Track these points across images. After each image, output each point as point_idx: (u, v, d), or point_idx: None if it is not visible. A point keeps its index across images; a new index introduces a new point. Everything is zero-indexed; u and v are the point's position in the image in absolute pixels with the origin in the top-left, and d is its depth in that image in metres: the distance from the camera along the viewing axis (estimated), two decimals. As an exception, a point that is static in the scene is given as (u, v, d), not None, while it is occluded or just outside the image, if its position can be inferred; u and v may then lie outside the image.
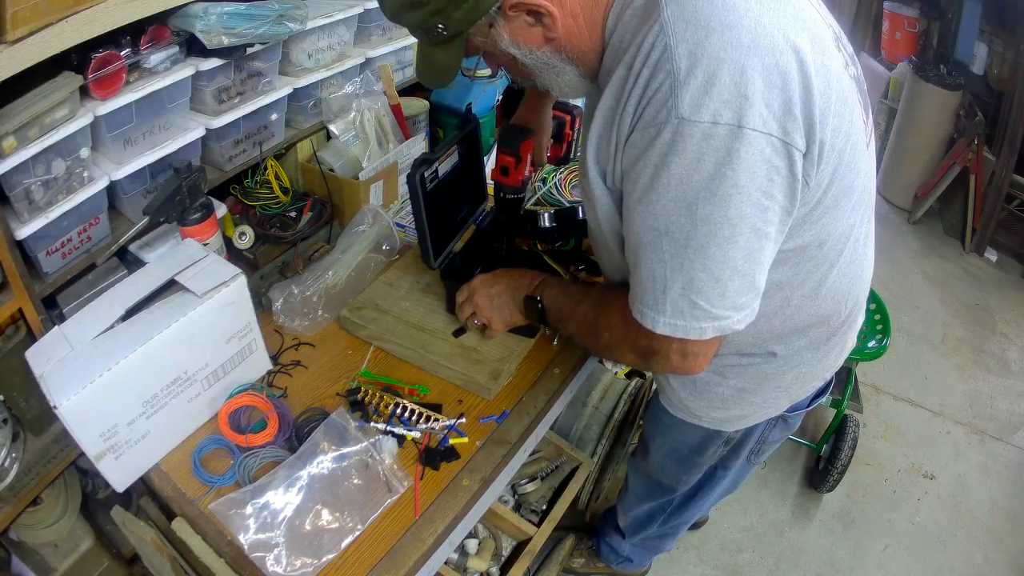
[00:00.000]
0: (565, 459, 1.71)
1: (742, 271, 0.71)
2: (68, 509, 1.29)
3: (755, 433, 1.11)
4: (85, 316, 0.94)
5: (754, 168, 0.66)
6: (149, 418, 0.95)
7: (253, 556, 0.87)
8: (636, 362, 0.88)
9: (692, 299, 0.72)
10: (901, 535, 2.04)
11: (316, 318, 1.24)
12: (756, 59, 0.64)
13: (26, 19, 0.84)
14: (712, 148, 0.65)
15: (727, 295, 0.72)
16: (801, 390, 1.04)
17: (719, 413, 1.04)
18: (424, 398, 1.12)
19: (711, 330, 0.74)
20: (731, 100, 0.64)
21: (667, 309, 0.74)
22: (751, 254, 0.71)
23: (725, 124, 0.64)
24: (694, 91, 0.64)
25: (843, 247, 0.86)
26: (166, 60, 1.11)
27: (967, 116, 3.36)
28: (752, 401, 1.02)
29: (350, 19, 1.44)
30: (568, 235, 1.30)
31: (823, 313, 0.91)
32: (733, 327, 0.74)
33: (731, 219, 0.67)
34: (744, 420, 1.06)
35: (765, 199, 0.68)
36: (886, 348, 2.01)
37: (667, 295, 0.73)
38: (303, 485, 0.95)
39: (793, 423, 1.14)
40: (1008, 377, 2.67)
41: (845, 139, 0.75)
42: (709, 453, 1.15)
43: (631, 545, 1.59)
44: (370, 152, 1.51)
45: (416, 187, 1.13)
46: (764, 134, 0.65)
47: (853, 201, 0.82)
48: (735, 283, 0.71)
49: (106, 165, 1.10)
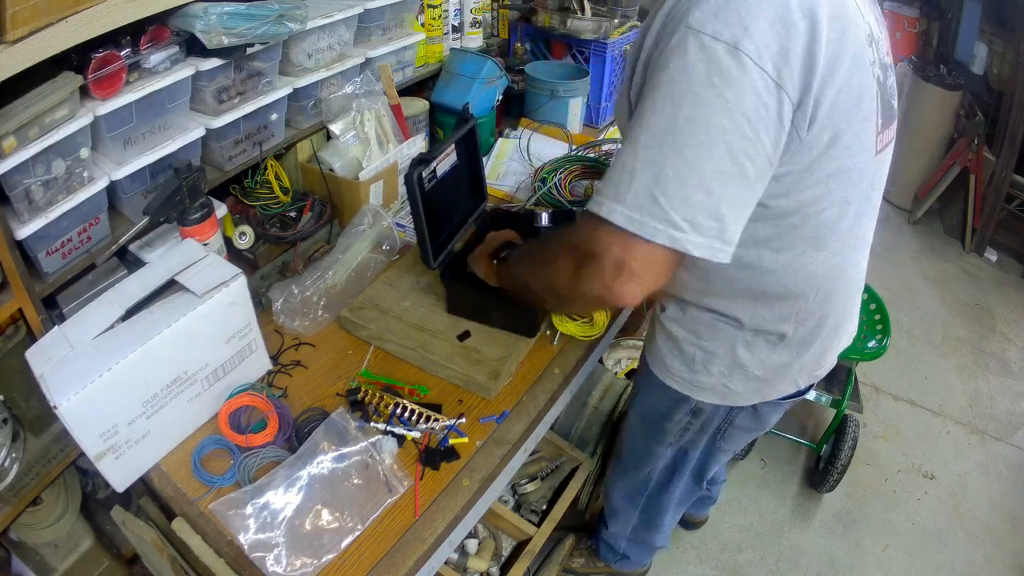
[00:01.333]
0: (565, 459, 1.71)
1: (708, 188, 0.71)
2: (68, 509, 1.29)
3: (719, 412, 1.10)
4: (85, 316, 0.94)
5: (743, 92, 0.69)
6: (149, 418, 0.95)
7: (253, 556, 0.87)
8: (569, 277, 0.82)
9: (654, 194, 0.71)
10: (901, 535, 2.04)
11: (316, 318, 1.24)
12: (768, 5, 0.69)
13: (26, 19, 0.84)
14: (707, 58, 0.69)
15: (688, 203, 0.71)
16: (770, 387, 1.04)
17: (691, 375, 1.05)
18: (424, 398, 1.12)
19: (663, 236, 0.71)
20: (733, 25, 0.68)
21: (628, 199, 0.72)
22: (723, 176, 0.71)
23: (723, 42, 0.68)
24: (705, 9, 0.70)
25: (828, 235, 0.87)
26: (166, 60, 1.11)
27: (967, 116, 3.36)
28: (720, 371, 1.02)
29: (350, 19, 1.44)
30: None
31: (793, 290, 0.92)
32: (685, 245, 0.72)
33: (710, 126, 0.69)
34: (711, 394, 1.06)
35: (749, 129, 0.70)
36: (886, 348, 2.01)
37: (632, 186, 0.72)
38: (303, 485, 0.95)
39: (765, 416, 1.13)
40: (1008, 377, 2.67)
41: (848, 123, 0.77)
42: (675, 420, 1.14)
43: (626, 540, 1.59)
44: (370, 152, 1.51)
45: (414, 187, 1.13)
46: (758, 66, 0.68)
47: (850, 191, 0.84)
48: (699, 196, 0.71)
49: (106, 165, 1.10)
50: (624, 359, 2.14)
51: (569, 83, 1.90)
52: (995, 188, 3.20)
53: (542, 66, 2.00)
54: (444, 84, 1.80)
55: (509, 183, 1.72)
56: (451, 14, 1.85)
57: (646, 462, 1.30)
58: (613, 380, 1.81)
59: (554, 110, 1.90)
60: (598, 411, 1.75)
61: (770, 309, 0.94)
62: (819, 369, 1.06)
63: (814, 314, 0.96)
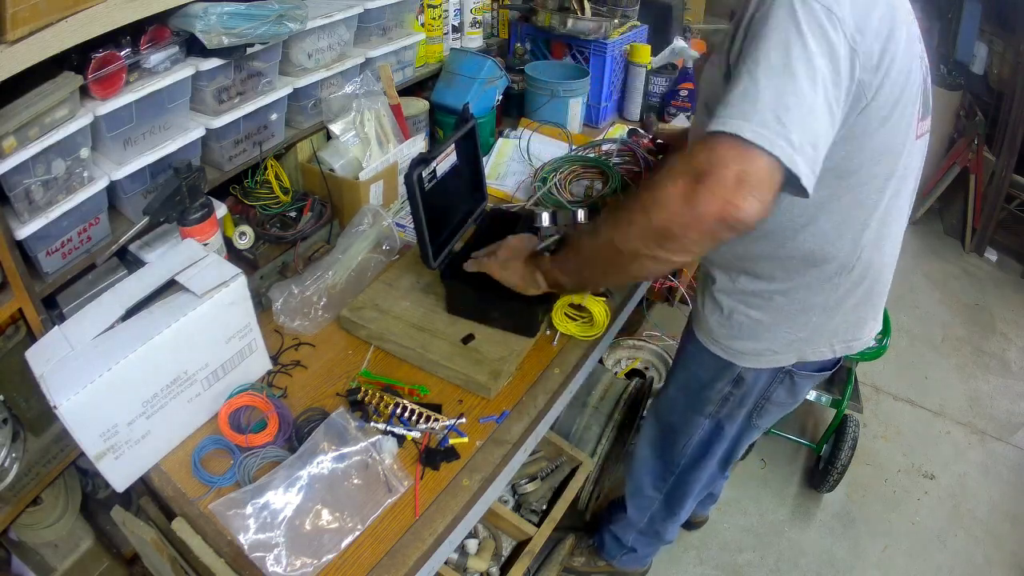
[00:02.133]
0: (565, 459, 1.71)
1: (816, 118, 0.77)
2: (68, 509, 1.29)
3: (760, 382, 1.17)
4: (85, 316, 0.94)
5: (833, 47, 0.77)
6: (149, 418, 0.95)
7: (253, 556, 0.87)
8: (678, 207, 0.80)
9: (779, 114, 0.75)
10: (901, 535, 2.04)
11: (316, 318, 1.24)
12: None
13: (26, 19, 0.84)
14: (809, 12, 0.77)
15: (806, 126, 0.76)
16: (809, 347, 1.10)
17: (735, 343, 1.12)
18: (424, 398, 1.12)
19: (783, 151, 0.74)
20: None
21: (754, 117, 0.75)
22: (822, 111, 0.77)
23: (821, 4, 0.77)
24: None
25: (874, 205, 0.95)
26: (166, 60, 1.11)
27: (967, 116, 3.37)
28: (764, 337, 1.10)
29: (350, 19, 1.44)
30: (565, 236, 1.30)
31: (838, 254, 0.99)
32: (798, 165, 0.75)
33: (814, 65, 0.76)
34: (756, 359, 1.12)
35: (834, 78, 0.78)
36: (886, 348, 2.01)
37: (757, 106, 0.76)
38: (303, 485, 0.95)
39: (800, 386, 1.19)
40: (1008, 377, 2.67)
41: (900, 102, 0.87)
42: (717, 388, 1.20)
43: (636, 532, 1.59)
44: (370, 152, 1.51)
45: (413, 187, 1.13)
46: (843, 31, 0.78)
47: (893, 166, 0.93)
48: (810, 123, 0.76)
49: (106, 165, 1.10)
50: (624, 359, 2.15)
51: (569, 83, 1.90)
52: (995, 188, 3.20)
53: (542, 66, 2.00)
54: (444, 84, 1.79)
55: (509, 183, 1.72)
56: (451, 14, 1.85)
57: (684, 433, 1.34)
58: (613, 380, 1.81)
59: (554, 110, 1.90)
60: (598, 411, 1.75)
61: (816, 269, 1.01)
62: (855, 340, 1.12)
63: (855, 280, 1.03)
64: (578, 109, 1.95)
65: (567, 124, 1.92)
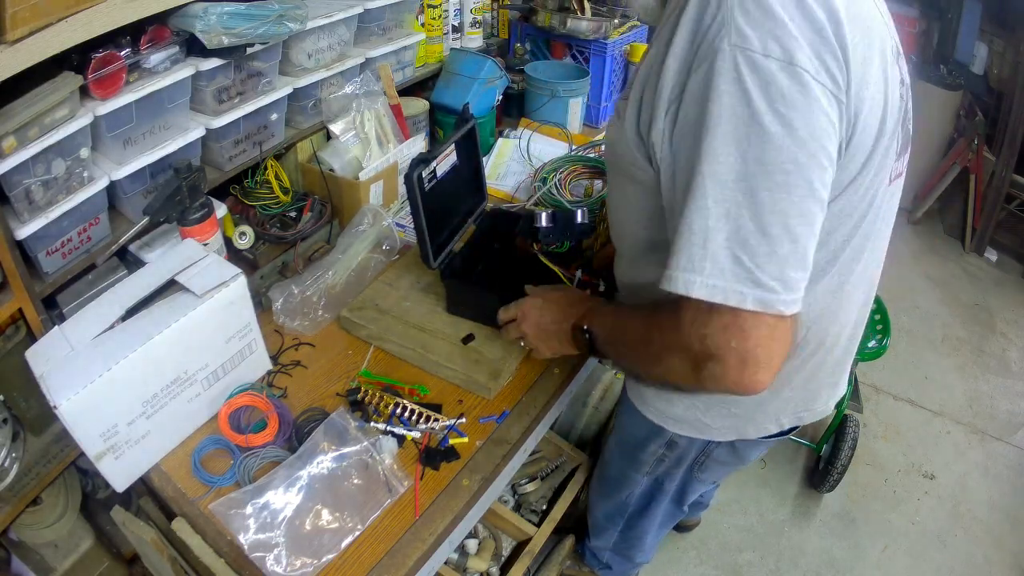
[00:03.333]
0: (565, 459, 1.71)
1: (795, 233, 0.62)
2: (68, 509, 1.29)
3: (695, 446, 1.05)
4: (85, 316, 0.94)
5: (811, 116, 0.61)
6: (149, 418, 0.95)
7: (253, 556, 0.87)
8: (689, 378, 0.73)
9: (736, 254, 0.62)
10: (901, 535, 2.04)
11: (316, 318, 1.24)
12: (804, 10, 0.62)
13: (26, 19, 0.84)
14: (762, 81, 0.60)
15: (775, 258, 0.62)
16: (750, 425, 0.97)
17: (664, 405, 1.00)
18: (424, 398, 1.12)
19: (751, 299, 0.62)
20: (782, 37, 0.60)
21: (705, 267, 0.63)
22: (806, 216, 0.62)
23: (775, 59, 0.60)
24: (743, 21, 0.61)
25: (828, 268, 0.80)
26: (166, 60, 1.11)
27: (967, 116, 3.36)
28: (696, 406, 0.96)
29: (350, 19, 1.44)
30: (564, 237, 1.30)
31: None
32: (778, 306, 0.63)
33: (784, 165, 0.61)
34: (686, 426, 1.00)
35: (824, 156, 0.62)
36: (886, 348, 2.01)
37: (707, 248, 0.63)
38: (303, 485, 0.95)
39: (744, 453, 1.07)
40: (1008, 377, 2.67)
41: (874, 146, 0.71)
42: (650, 451, 1.10)
43: (610, 552, 1.56)
44: (370, 152, 1.51)
45: (414, 187, 1.13)
46: (818, 83, 0.61)
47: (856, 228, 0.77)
48: (785, 246, 0.62)
49: (106, 165, 1.10)
50: (624, 359, 2.14)
51: (569, 83, 1.90)
52: (995, 188, 3.20)
53: (542, 66, 2.00)
54: (444, 84, 1.79)
55: (509, 183, 1.72)
56: (451, 14, 1.85)
57: (624, 486, 1.27)
58: (613, 380, 1.81)
59: (554, 110, 1.90)
60: (598, 411, 1.75)
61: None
62: (806, 411, 0.98)
63: (804, 357, 0.89)
64: (578, 109, 1.95)
65: (567, 124, 1.92)
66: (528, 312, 1.04)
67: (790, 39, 0.60)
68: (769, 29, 0.60)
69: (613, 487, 1.32)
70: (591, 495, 1.50)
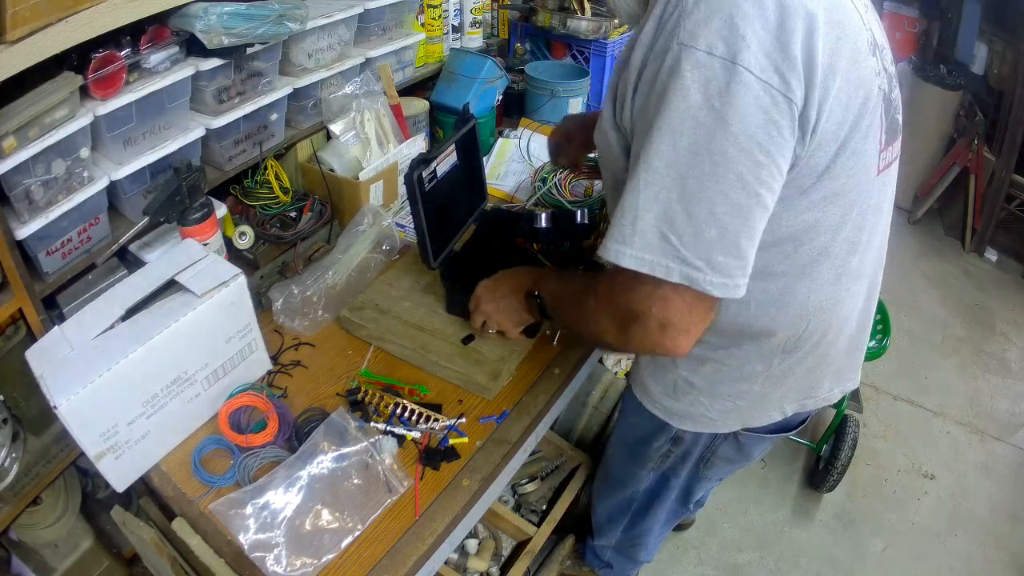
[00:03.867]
0: (565, 459, 1.71)
1: (722, 222, 0.66)
2: (68, 509, 1.29)
3: (701, 441, 1.08)
4: (85, 316, 0.94)
5: (747, 111, 0.64)
6: (149, 418, 0.95)
7: (253, 556, 0.87)
8: (617, 337, 0.79)
9: (663, 231, 0.67)
10: (901, 535, 2.04)
11: (316, 318, 1.24)
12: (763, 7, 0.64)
13: (26, 19, 0.84)
14: (703, 77, 0.63)
15: (701, 241, 0.67)
16: (753, 413, 0.99)
17: (669, 402, 1.03)
18: (424, 398, 1.12)
19: (677, 273, 0.68)
20: (728, 36, 0.63)
21: (635, 241, 0.68)
22: (735, 208, 0.66)
23: (719, 57, 0.63)
24: (695, 20, 0.64)
25: (821, 258, 0.81)
26: (166, 60, 1.11)
27: (967, 116, 3.37)
28: (700, 401, 0.99)
29: (350, 19, 1.44)
30: (564, 237, 1.30)
31: (780, 322, 0.86)
32: (705, 285, 0.68)
33: (714, 155, 0.65)
34: (691, 421, 1.03)
35: (759, 152, 0.65)
36: (886, 348, 2.01)
37: (636, 225, 0.68)
38: (303, 485, 0.95)
39: (748, 448, 1.09)
40: (1008, 377, 2.67)
41: (848, 139, 0.72)
42: (655, 447, 1.12)
43: (612, 551, 1.56)
44: (370, 152, 1.51)
45: (414, 187, 1.13)
46: (761, 81, 0.63)
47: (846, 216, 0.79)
48: (712, 231, 0.66)
49: (106, 165, 1.10)
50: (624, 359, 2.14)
51: (569, 83, 1.90)
52: (995, 188, 3.20)
53: (542, 66, 2.00)
54: (444, 84, 1.80)
55: (509, 183, 1.72)
56: (451, 14, 1.85)
57: (628, 484, 1.28)
58: (613, 380, 1.81)
59: (554, 110, 1.90)
60: (598, 411, 1.75)
61: (755, 342, 0.90)
62: (809, 399, 1.00)
63: (805, 350, 0.91)
64: (578, 109, 1.95)
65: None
66: (482, 295, 1.10)
67: (737, 39, 0.63)
68: (716, 29, 0.64)
69: (617, 485, 1.33)
70: (594, 494, 1.51)
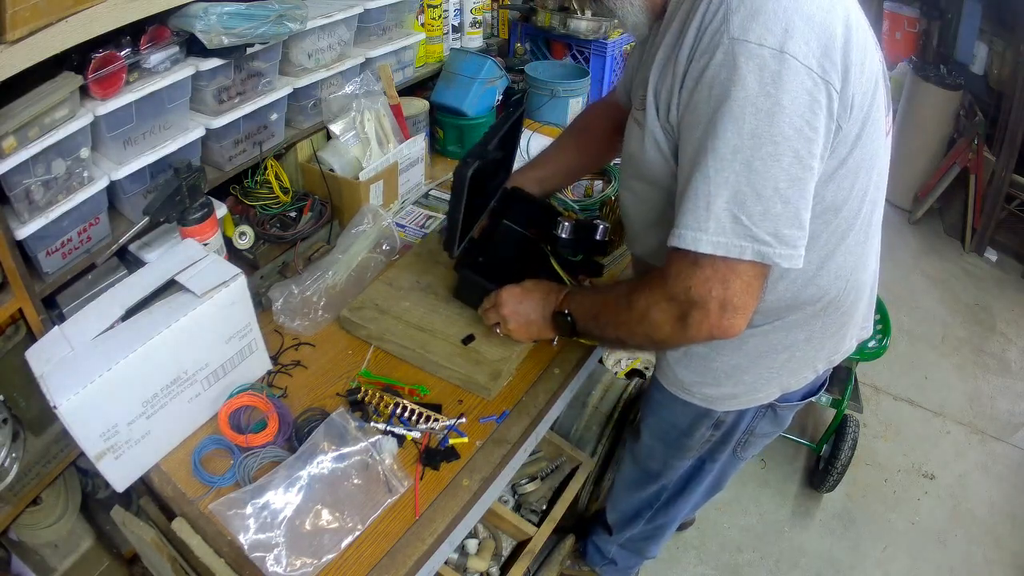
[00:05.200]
0: (565, 459, 1.71)
1: (785, 196, 0.73)
2: (68, 509, 1.29)
3: (744, 421, 1.11)
4: (85, 316, 0.94)
5: (797, 94, 0.71)
6: (149, 418, 0.95)
7: (253, 556, 0.87)
8: (673, 329, 0.83)
9: (735, 213, 0.73)
10: (901, 535, 2.04)
11: (316, 318, 1.24)
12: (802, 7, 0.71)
13: (26, 19, 0.84)
14: (757, 67, 0.70)
15: (769, 216, 0.73)
16: (792, 378, 1.04)
17: (711, 390, 1.05)
18: (424, 398, 1.12)
19: (750, 252, 0.73)
20: (775, 29, 0.70)
21: (710, 226, 0.73)
22: (795, 181, 0.73)
23: (769, 47, 0.70)
24: (743, 15, 0.71)
25: (854, 221, 0.88)
26: (166, 60, 1.11)
27: (967, 116, 3.36)
28: (743, 380, 1.03)
29: (350, 19, 1.44)
30: (580, 248, 1.29)
31: (823, 288, 0.92)
32: (775, 258, 0.74)
33: (774, 137, 0.71)
34: (735, 401, 1.06)
35: (808, 129, 0.72)
36: (886, 348, 2.01)
37: (710, 210, 0.73)
38: (303, 485, 0.95)
39: (783, 417, 1.14)
40: (1008, 377, 2.67)
41: (870, 106, 0.80)
42: (698, 435, 1.14)
43: (617, 546, 1.57)
44: (370, 152, 1.51)
45: (465, 182, 1.06)
46: (805, 66, 0.70)
47: (869, 178, 0.86)
48: (778, 206, 0.73)
49: (106, 165, 1.10)
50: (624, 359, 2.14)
51: (569, 83, 1.90)
52: (995, 188, 3.20)
53: (542, 66, 2.00)
54: (444, 84, 1.80)
55: (509, 183, 1.72)
56: (451, 14, 1.85)
57: (664, 476, 1.30)
58: (613, 380, 1.81)
59: (554, 110, 1.91)
60: (598, 411, 1.75)
61: (798, 312, 0.95)
62: (836, 354, 1.06)
63: (840, 307, 0.97)
64: (578, 109, 1.95)
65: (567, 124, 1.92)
66: (507, 300, 1.11)
67: (782, 31, 0.70)
68: (764, 23, 0.70)
69: (652, 478, 1.34)
70: (617, 490, 1.51)
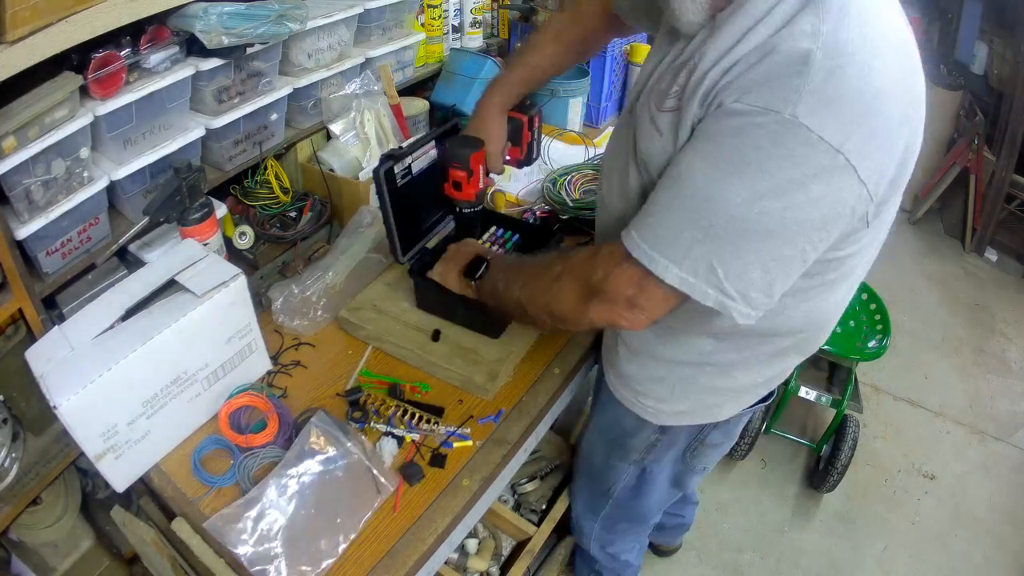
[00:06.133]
0: (565, 459, 1.71)
1: (765, 267, 0.71)
2: (68, 509, 1.29)
3: (688, 429, 1.10)
4: (85, 316, 0.94)
5: (831, 194, 0.66)
6: (149, 418, 0.95)
7: (254, 570, 0.86)
8: (574, 306, 0.83)
9: (712, 264, 0.71)
10: (901, 535, 2.04)
11: (316, 318, 1.24)
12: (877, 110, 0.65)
13: (26, 19, 0.84)
14: (805, 156, 0.64)
15: (744, 278, 0.71)
16: (747, 396, 1.04)
17: (665, 405, 1.04)
18: (426, 395, 1.12)
19: (712, 299, 0.73)
20: (843, 125, 0.63)
21: (684, 264, 0.72)
22: (782, 259, 0.71)
23: (828, 143, 0.63)
24: (818, 99, 0.63)
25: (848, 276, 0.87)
26: (166, 60, 1.11)
27: (967, 116, 3.36)
28: (701, 398, 1.02)
29: (350, 19, 1.44)
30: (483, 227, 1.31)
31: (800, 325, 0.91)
32: (732, 311, 0.73)
33: (785, 220, 0.67)
34: (689, 417, 1.05)
35: (822, 225, 0.69)
36: (886, 348, 2.01)
37: (691, 252, 0.71)
38: (295, 491, 0.94)
39: (733, 429, 1.14)
40: (1008, 377, 2.67)
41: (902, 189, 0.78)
42: (641, 437, 1.12)
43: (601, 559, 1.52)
44: (370, 152, 1.51)
45: (381, 182, 1.13)
46: (859, 178, 0.66)
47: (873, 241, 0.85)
48: (755, 273, 0.71)
49: (106, 165, 1.10)
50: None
51: (569, 83, 1.90)
52: (995, 188, 3.20)
53: (542, 66, 2.00)
54: (444, 84, 1.79)
55: (513, 186, 1.71)
56: (451, 14, 1.85)
57: (608, 478, 1.27)
58: (613, 380, 1.81)
59: (554, 110, 1.90)
60: (598, 411, 1.75)
61: (769, 343, 0.94)
62: (786, 374, 1.05)
63: (811, 340, 0.97)
64: (578, 109, 1.95)
65: (567, 124, 1.92)
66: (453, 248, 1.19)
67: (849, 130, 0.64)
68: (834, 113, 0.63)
69: (597, 479, 1.31)
70: (573, 490, 1.49)
